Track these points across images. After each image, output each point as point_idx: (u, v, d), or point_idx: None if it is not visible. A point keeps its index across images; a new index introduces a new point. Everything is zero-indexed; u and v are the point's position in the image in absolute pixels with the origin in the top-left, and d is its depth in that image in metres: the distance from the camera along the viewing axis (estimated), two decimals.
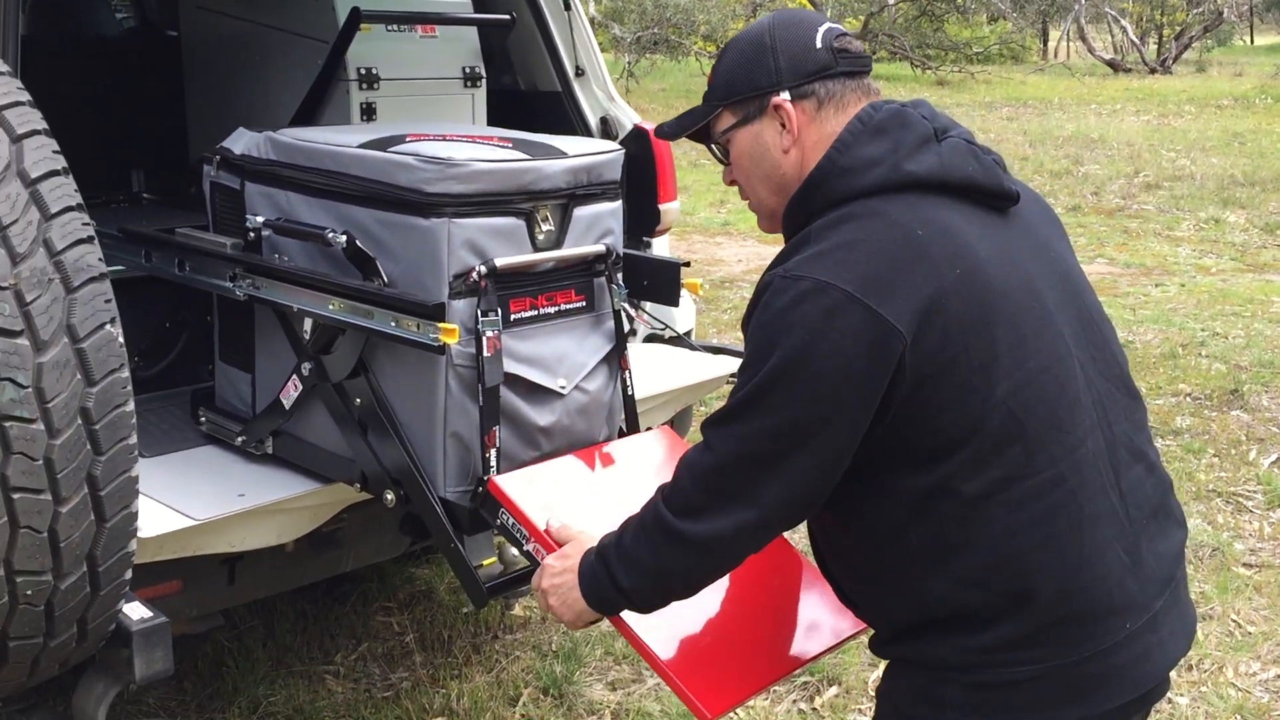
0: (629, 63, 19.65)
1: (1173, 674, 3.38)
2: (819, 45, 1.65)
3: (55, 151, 1.73)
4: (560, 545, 1.84)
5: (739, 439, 1.53)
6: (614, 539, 1.68)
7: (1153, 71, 25.34)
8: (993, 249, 1.57)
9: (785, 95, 1.64)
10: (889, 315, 1.46)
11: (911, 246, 1.51)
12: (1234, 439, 5.07)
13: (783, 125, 1.65)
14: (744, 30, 1.74)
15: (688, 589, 1.68)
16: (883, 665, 1.73)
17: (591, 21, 17.43)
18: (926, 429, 1.51)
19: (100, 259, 1.72)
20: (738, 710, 3.11)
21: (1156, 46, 28.78)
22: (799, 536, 2.00)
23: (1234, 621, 3.57)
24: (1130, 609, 1.58)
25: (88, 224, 1.71)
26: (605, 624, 3.33)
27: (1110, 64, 26.25)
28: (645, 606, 1.69)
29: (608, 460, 2.29)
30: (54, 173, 1.71)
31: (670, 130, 1.79)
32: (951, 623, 1.56)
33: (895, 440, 1.52)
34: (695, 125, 1.73)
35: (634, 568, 1.63)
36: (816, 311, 1.47)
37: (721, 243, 9.24)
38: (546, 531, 1.91)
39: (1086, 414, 1.58)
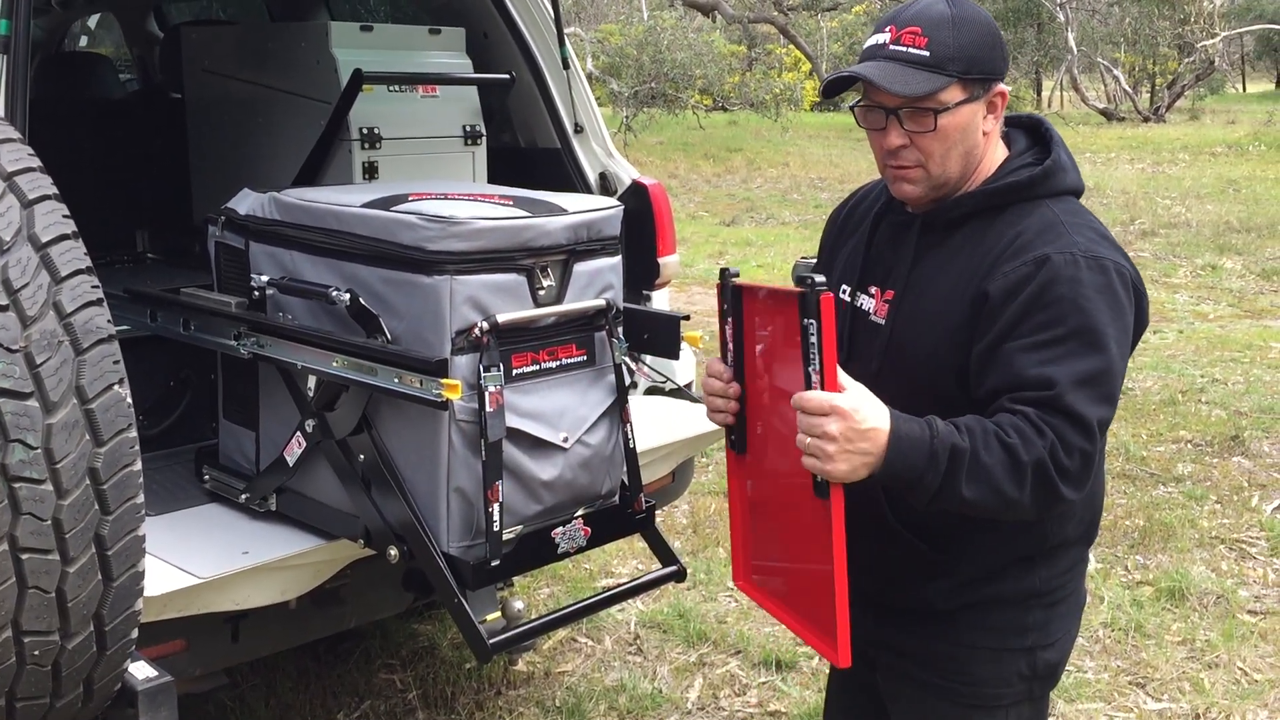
0: (627, 117, 19.84)
1: None
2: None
3: (65, 216, 1.75)
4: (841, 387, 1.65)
5: (1105, 405, 1.68)
6: (967, 448, 1.62)
7: (1146, 120, 25.56)
8: None
9: (1003, 85, 1.79)
10: (1142, 302, 1.77)
11: (1120, 246, 1.81)
12: (1236, 485, 5.07)
13: (990, 109, 1.79)
14: (970, 11, 1.75)
15: (1010, 521, 1.78)
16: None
17: (590, 77, 17.62)
18: None
19: (109, 320, 1.74)
20: None
21: (1149, 95, 29.05)
22: None
23: (1240, 669, 3.55)
24: None
25: (97, 286, 1.74)
26: (608, 678, 3.31)
27: (1104, 113, 26.48)
28: (946, 505, 1.67)
29: None
30: (64, 236, 1.73)
31: (900, 89, 1.71)
32: (1044, 555, 1.86)
33: None
34: (930, 92, 1.72)
35: (984, 487, 1.63)
36: (1125, 289, 1.72)
37: None
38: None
39: None
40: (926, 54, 1.72)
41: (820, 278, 1.59)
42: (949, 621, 1.89)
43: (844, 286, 1.96)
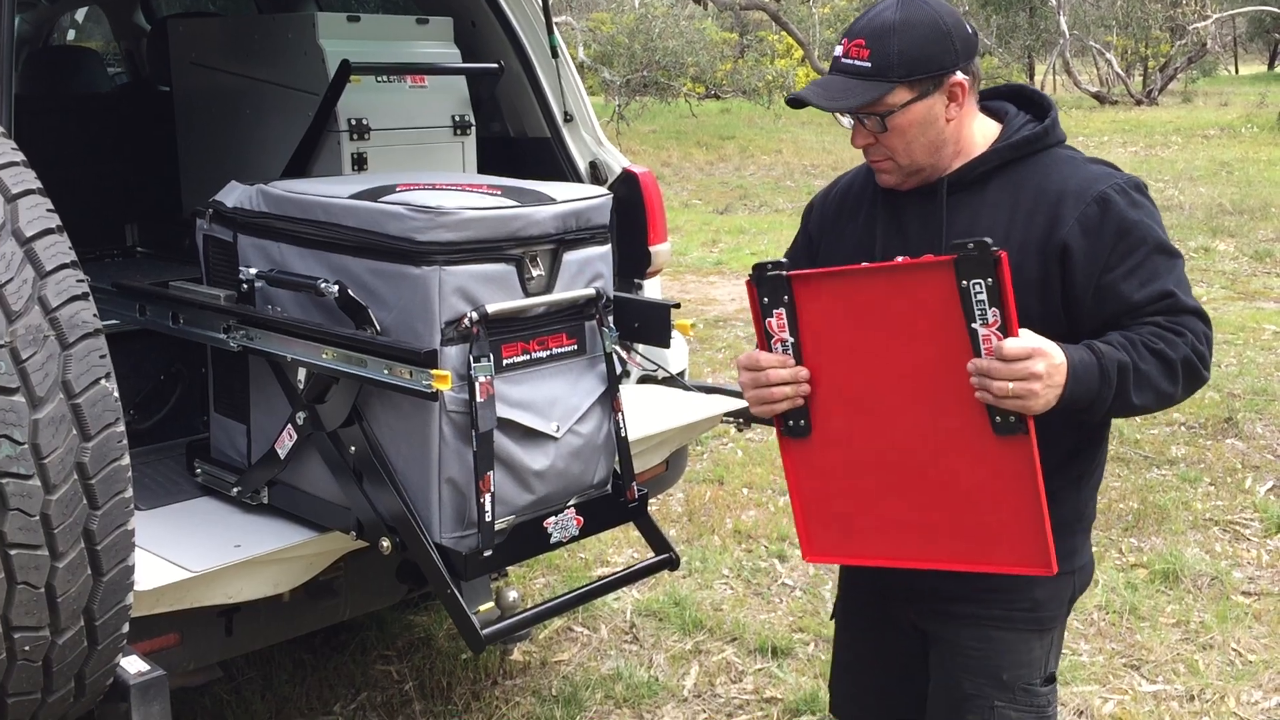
0: (619, 105, 19.80)
1: (1175, 705, 3.34)
2: (969, 31, 1.94)
3: (49, 210, 1.75)
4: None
5: (1192, 294, 1.91)
6: (1130, 362, 1.82)
7: (1139, 103, 25.54)
8: None
9: (960, 74, 1.89)
10: None
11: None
12: (1229, 467, 5.08)
13: (951, 99, 1.91)
14: (909, 14, 1.87)
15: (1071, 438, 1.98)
16: None
17: (581, 66, 17.56)
18: None
19: (95, 315, 1.74)
20: None
21: (1142, 78, 29.00)
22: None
23: (1234, 650, 3.56)
24: None
25: (82, 280, 1.73)
26: (605, 667, 3.31)
27: (1096, 96, 26.45)
28: (1114, 415, 1.92)
29: None
30: (48, 231, 1.73)
31: (836, 105, 1.88)
32: (1084, 477, 2.04)
33: None
34: (871, 101, 1.86)
35: (1149, 392, 1.86)
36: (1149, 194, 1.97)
37: (715, 282, 9.28)
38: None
39: None
40: (868, 65, 1.87)
41: (987, 239, 1.71)
42: None
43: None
